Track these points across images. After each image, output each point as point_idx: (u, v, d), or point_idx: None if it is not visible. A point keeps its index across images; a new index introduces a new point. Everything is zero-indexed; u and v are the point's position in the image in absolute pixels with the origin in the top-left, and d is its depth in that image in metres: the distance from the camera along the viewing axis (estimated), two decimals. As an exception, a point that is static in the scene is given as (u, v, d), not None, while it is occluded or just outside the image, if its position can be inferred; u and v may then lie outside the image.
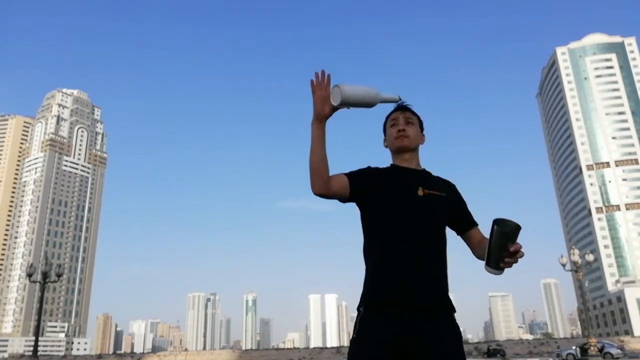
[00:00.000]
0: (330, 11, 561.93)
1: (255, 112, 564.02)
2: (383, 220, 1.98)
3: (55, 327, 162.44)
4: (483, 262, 1.78)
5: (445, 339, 1.84)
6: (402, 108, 2.19)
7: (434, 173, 2.16)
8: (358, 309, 1.93)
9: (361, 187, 2.02)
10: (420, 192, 2.01)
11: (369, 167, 2.12)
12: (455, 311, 1.95)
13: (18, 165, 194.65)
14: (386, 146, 2.24)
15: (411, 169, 2.12)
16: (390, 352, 1.77)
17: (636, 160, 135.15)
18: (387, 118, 2.24)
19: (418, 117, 2.20)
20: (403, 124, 2.14)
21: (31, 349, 73.06)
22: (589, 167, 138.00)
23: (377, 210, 2.01)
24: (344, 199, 2.02)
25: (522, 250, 1.71)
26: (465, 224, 2.16)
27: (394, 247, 1.92)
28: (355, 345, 1.84)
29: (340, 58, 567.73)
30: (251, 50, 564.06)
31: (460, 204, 2.17)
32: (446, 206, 2.07)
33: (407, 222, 1.96)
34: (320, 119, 1.91)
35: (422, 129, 2.21)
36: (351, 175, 2.03)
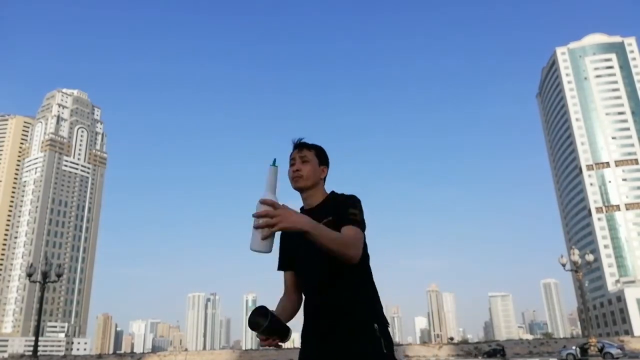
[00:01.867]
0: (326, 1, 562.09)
1: (257, 108, 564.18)
2: (297, 274, 2.18)
3: (55, 327, 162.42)
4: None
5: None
6: (297, 146, 2.18)
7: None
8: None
9: (288, 263, 2.22)
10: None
11: (280, 238, 2.26)
12: (369, 327, 1.99)
13: (18, 165, 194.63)
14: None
15: (309, 209, 2.12)
16: None
17: (636, 160, 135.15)
18: (289, 157, 2.24)
19: (316, 151, 2.19)
20: (298, 164, 2.14)
21: (31, 349, 73.13)
22: (589, 167, 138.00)
23: (293, 266, 2.19)
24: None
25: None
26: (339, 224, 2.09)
27: (306, 295, 2.15)
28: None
29: (338, 53, 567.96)
30: (254, 44, 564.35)
31: (339, 212, 2.04)
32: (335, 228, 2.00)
33: (307, 269, 2.10)
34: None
35: (322, 161, 2.20)
36: (281, 268, 2.24)
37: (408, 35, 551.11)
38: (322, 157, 2.21)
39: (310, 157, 2.16)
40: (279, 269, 2.22)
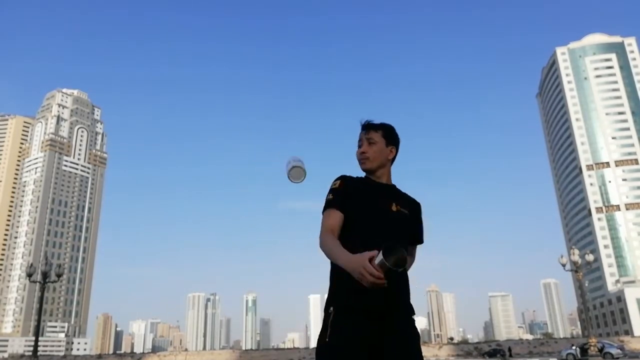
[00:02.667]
0: (326, 1, 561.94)
1: (258, 110, 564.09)
2: (359, 230, 2.06)
3: (55, 327, 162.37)
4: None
5: (410, 339, 1.98)
6: (364, 127, 2.23)
7: (403, 189, 2.24)
8: (327, 309, 1.98)
9: (345, 206, 2.11)
10: (393, 208, 2.13)
11: (344, 180, 2.16)
12: (414, 314, 2.12)
13: (18, 165, 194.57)
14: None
15: (383, 185, 2.21)
16: (366, 352, 1.87)
17: (636, 160, 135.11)
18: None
19: (384, 131, 2.23)
20: (365, 146, 2.19)
21: (31, 349, 73.14)
22: (589, 167, 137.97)
23: (355, 221, 2.07)
24: None
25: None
26: (411, 240, 2.24)
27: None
28: (331, 347, 1.89)
29: (336, 51, 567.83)
30: (256, 42, 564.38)
31: (417, 223, 2.26)
32: (410, 224, 2.18)
33: (381, 235, 2.01)
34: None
35: (389, 141, 2.24)
36: (340, 205, 2.10)
37: (408, 37, 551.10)
38: (390, 137, 2.23)
39: (377, 138, 2.19)
40: (341, 208, 2.10)
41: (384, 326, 1.92)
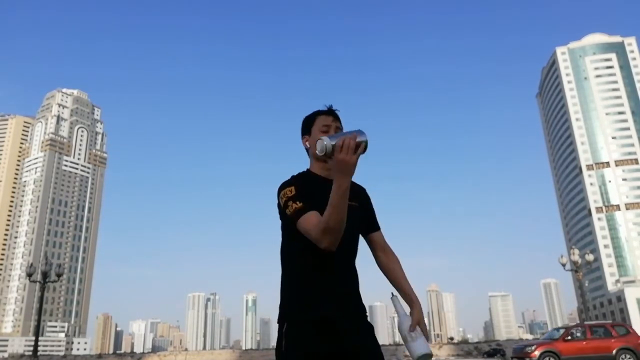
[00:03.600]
0: (324, 3, 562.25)
1: (258, 108, 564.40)
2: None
3: (55, 327, 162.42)
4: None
5: (367, 342, 1.93)
6: (333, 113, 2.07)
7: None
8: (281, 323, 1.92)
9: (309, 195, 1.98)
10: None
11: (296, 185, 1.96)
12: (367, 314, 2.04)
13: (18, 165, 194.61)
14: (307, 147, 2.09)
15: (330, 180, 1.95)
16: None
17: (636, 160, 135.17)
18: (313, 118, 2.09)
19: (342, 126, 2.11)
20: (334, 132, 2.02)
21: (31, 348, 73.03)
22: (589, 167, 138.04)
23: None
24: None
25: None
26: (368, 228, 2.14)
27: (320, 264, 1.90)
28: (287, 358, 1.86)
29: (337, 52, 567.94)
30: (256, 43, 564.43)
31: (369, 209, 2.16)
32: (359, 215, 2.05)
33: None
34: (351, 175, 1.78)
35: None
36: (310, 206, 1.91)
37: (407, 38, 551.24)
38: None
39: (341, 128, 2.07)
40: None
41: (337, 335, 1.86)
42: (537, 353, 16.12)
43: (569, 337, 16.55)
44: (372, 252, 2.15)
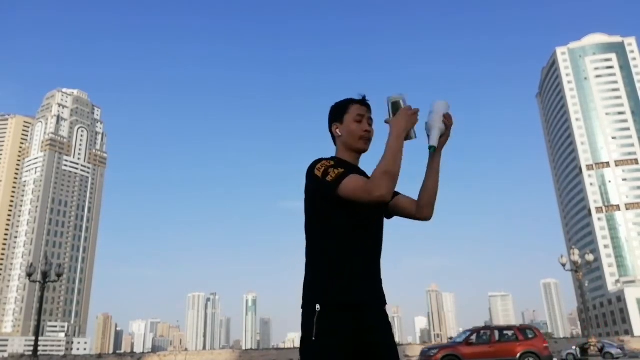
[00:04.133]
0: (325, 3, 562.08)
1: (259, 108, 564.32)
2: (354, 219, 1.88)
3: (55, 327, 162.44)
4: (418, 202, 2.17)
5: (388, 332, 1.89)
6: (368, 104, 2.06)
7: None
8: (311, 306, 1.80)
9: None
10: None
11: (332, 158, 2.00)
12: (387, 304, 1.99)
13: (18, 165, 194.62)
14: (338, 135, 2.03)
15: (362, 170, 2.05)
16: (351, 351, 1.76)
17: (636, 160, 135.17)
18: (346, 106, 2.04)
19: None
20: (369, 126, 2.01)
21: (31, 348, 72.98)
22: (589, 167, 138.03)
23: (353, 211, 1.86)
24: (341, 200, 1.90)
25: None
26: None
27: (359, 250, 1.87)
28: (320, 347, 1.74)
29: (337, 52, 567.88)
30: (256, 43, 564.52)
31: None
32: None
33: (370, 224, 1.93)
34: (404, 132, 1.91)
35: None
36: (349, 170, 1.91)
37: (407, 38, 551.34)
38: None
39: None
40: None
41: (367, 321, 1.82)
42: (439, 357, 16.05)
43: (473, 341, 16.46)
44: (407, 210, 2.15)
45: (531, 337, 16.48)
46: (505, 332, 17.24)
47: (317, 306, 1.77)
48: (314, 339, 1.74)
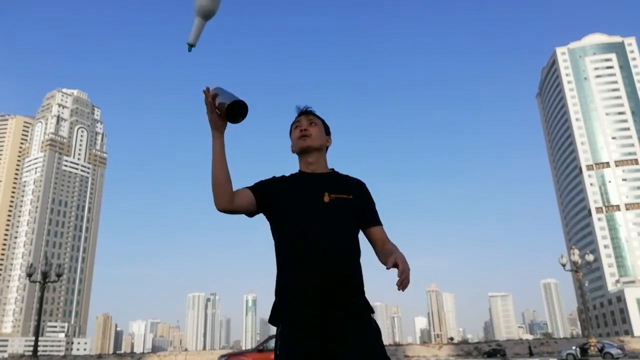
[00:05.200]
0: (326, 3, 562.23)
1: (258, 108, 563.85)
2: (291, 230, 1.91)
3: (55, 327, 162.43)
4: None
5: (363, 338, 1.80)
6: (305, 112, 2.17)
7: (346, 172, 2.11)
8: (276, 324, 1.87)
9: (267, 198, 1.97)
10: (326, 198, 1.95)
11: (273, 177, 2.09)
12: (373, 312, 1.93)
13: (18, 165, 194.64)
14: (294, 151, 2.17)
15: (316, 174, 2.06)
16: None
17: (636, 160, 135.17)
18: (292, 124, 2.20)
19: (322, 120, 2.18)
20: (306, 125, 2.10)
21: (31, 349, 73.03)
22: (589, 167, 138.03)
23: (284, 220, 1.94)
24: (250, 214, 1.98)
25: None
26: (366, 222, 2.03)
27: (303, 258, 1.86)
28: None
29: (337, 51, 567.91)
30: (256, 43, 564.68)
31: (367, 202, 2.07)
32: (354, 208, 1.99)
33: (315, 231, 1.88)
34: (219, 127, 1.96)
35: (327, 132, 2.18)
36: (255, 188, 2.00)
37: (407, 37, 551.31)
38: (327, 128, 2.19)
39: (317, 122, 2.15)
40: (257, 195, 1.99)
41: (326, 333, 1.77)
42: None
43: (263, 348, 15.84)
44: (374, 249, 2.04)
45: None
46: None
47: (280, 326, 1.85)
48: (277, 353, 1.82)
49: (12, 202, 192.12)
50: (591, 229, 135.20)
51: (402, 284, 1.75)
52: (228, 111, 1.86)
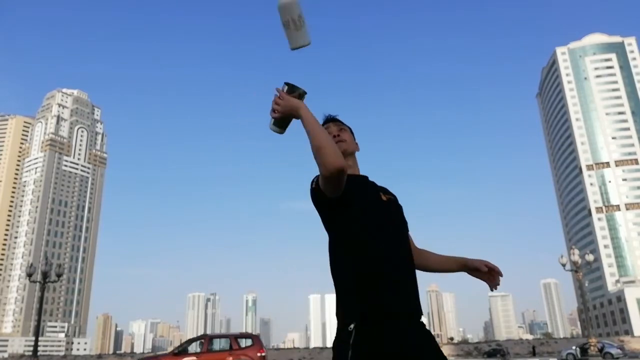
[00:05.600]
0: (326, 3, 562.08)
1: (258, 108, 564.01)
2: (366, 228, 1.81)
3: (55, 327, 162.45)
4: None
5: (431, 340, 1.77)
6: (332, 119, 2.15)
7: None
8: (346, 324, 1.68)
9: (349, 188, 1.81)
10: (383, 198, 1.96)
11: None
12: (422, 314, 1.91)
13: (18, 165, 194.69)
14: None
15: (362, 175, 2.06)
16: None
17: (636, 160, 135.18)
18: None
19: (349, 127, 2.16)
20: (336, 131, 2.07)
21: (31, 349, 73.10)
22: (589, 167, 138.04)
23: (360, 217, 1.82)
24: (339, 192, 1.77)
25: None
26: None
27: (384, 257, 1.77)
28: None
29: (337, 51, 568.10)
30: (256, 43, 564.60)
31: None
32: (402, 210, 2.06)
33: (389, 230, 1.87)
34: (301, 104, 1.82)
35: (354, 137, 2.17)
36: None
37: (407, 37, 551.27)
38: (354, 135, 2.17)
39: (346, 128, 2.13)
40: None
41: (411, 332, 1.70)
42: None
43: (179, 351, 15.29)
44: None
45: (246, 345, 15.32)
46: (219, 340, 16.09)
47: (351, 326, 1.68)
48: (351, 354, 1.63)
49: (12, 202, 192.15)
50: (591, 229, 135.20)
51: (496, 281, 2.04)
52: (295, 89, 1.87)
